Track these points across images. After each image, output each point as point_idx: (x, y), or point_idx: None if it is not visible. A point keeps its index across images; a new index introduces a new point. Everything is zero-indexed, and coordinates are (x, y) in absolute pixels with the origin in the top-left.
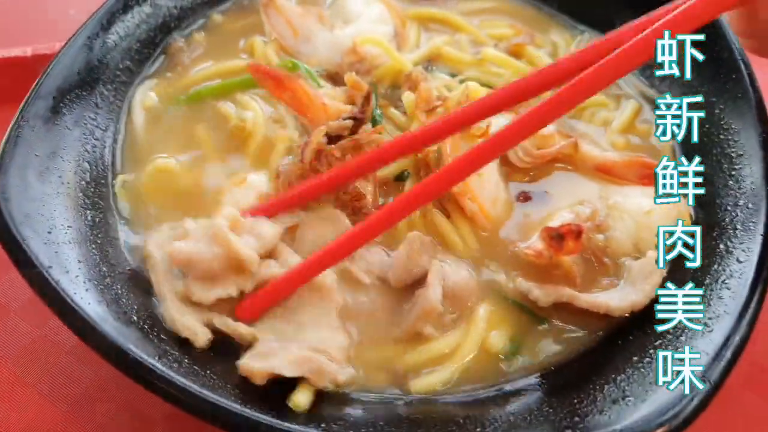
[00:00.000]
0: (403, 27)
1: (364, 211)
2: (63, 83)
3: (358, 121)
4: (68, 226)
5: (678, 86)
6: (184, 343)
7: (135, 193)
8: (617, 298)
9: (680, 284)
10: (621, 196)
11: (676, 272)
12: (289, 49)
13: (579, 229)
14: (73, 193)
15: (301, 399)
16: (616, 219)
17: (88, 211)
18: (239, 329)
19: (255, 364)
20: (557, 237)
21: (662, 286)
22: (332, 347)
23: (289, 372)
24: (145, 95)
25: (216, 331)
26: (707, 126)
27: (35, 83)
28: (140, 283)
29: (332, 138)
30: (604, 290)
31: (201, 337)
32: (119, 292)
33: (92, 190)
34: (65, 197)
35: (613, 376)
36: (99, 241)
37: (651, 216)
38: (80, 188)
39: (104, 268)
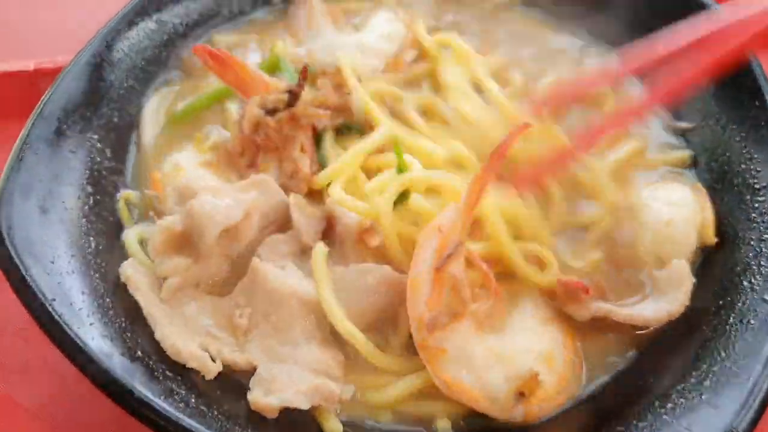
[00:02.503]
0: (404, 53)
1: (301, 176)
2: (67, 104)
3: (294, 94)
4: (71, 255)
5: (699, 113)
6: (189, 377)
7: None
8: (651, 310)
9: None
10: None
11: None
12: (300, 42)
13: (583, 286)
14: (77, 220)
15: (334, 427)
16: (637, 232)
17: (91, 238)
18: (236, 358)
19: (266, 400)
20: (571, 292)
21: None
22: (332, 365)
23: (303, 404)
24: (155, 111)
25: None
26: (728, 155)
27: (38, 105)
28: None
29: (270, 111)
30: (633, 304)
31: (211, 368)
32: (123, 324)
33: (95, 214)
34: (68, 223)
35: (635, 421)
36: (103, 270)
37: (671, 227)
38: (83, 213)
39: (108, 299)
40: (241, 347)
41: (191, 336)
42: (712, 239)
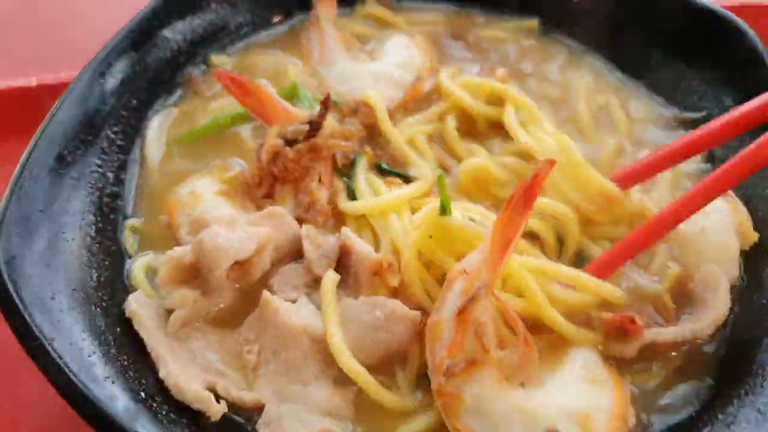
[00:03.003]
0: (422, 82)
1: (318, 207)
2: (68, 128)
3: (314, 125)
4: (72, 289)
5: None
6: (195, 420)
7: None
8: (696, 321)
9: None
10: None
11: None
12: (314, 70)
13: (631, 318)
14: (77, 251)
15: None
16: (678, 251)
17: (93, 271)
18: (243, 397)
19: None
20: (620, 328)
21: None
22: (342, 406)
23: None
24: (158, 131)
25: (217, 396)
26: None
27: (39, 129)
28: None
29: (290, 142)
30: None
31: (216, 409)
32: (125, 363)
33: (98, 244)
34: (69, 255)
35: None
36: (104, 304)
37: (706, 235)
38: (85, 245)
39: (110, 336)
40: (250, 385)
41: (197, 373)
42: (753, 236)
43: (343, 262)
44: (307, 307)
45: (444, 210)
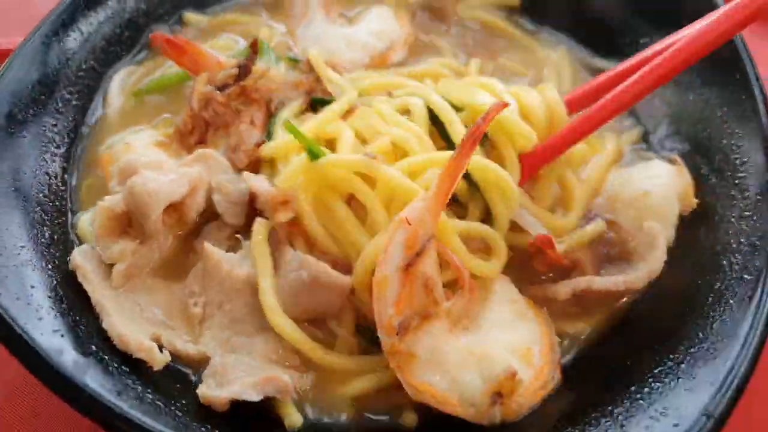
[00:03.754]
0: (392, 52)
1: (242, 148)
2: (18, 87)
3: (244, 69)
4: (21, 246)
5: (681, 89)
6: (144, 371)
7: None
8: (632, 274)
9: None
10: (619, 184)
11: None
12: (293, 31)
13: (548, 238)
14: (30, 208)
15: (294, 419)
16: (619, 211)
17: (46, 228)
18: (188, 350)
19: (215, 393)
20: (538, 250)
21: None
22: (289, 355)
23: (253, 397)
24: (119, 88)
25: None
26: (708, 130)
27: None
28: None
29: (220, 87)
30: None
31: (159, 359)
32: (77, 318)
33: (50, 202)
34: (20, 213)
35: (610, 407)
36: (57, 261)
37: (649, 197)
38: (37, 201)
39: (61, 291)
40: (196, 338)
41: (143, 326)
42: (693, 202)
43: (253, 207)
44: (248, 259)
45: (314, 155)
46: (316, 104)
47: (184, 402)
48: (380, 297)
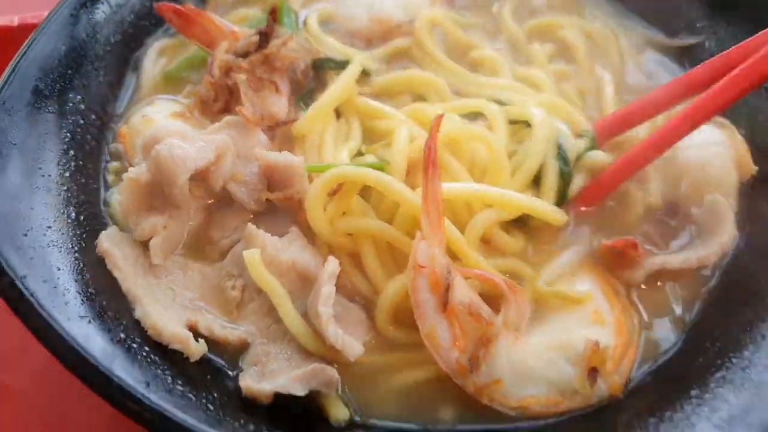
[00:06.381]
0: (412, 24)
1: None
2: (45, 62)
3: (264, 36)
4: (47, 227)
5: None
6: (174, 360)
7: None
8: (702, 249)
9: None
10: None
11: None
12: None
13: (633, 243)
14: (56, 187)
15: (341, 413)
16: (673, 182)
17: (72, 208)
18: (227, 335)
19: (258, 386)
20: (618, 253)
21: None
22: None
23: (299, 391)
24: (152, 62)
25: (197, 334)
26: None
27: (12, 62)
28: None
29: (242, 55)
30: (683, 250)
31: (195, 350)
32: (105, 303)
33: (77, 182)
34: (46, 193)
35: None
36: (83, 243)
37: (707, 168)
38: (64, 181)
39: (87, 275)
40: (233, 323)
41: (177, 312)
42: (752, 169)
43: (274, 182)
44: (296, 243)
45: None
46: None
47: (215, 395)
48: (437, 348)
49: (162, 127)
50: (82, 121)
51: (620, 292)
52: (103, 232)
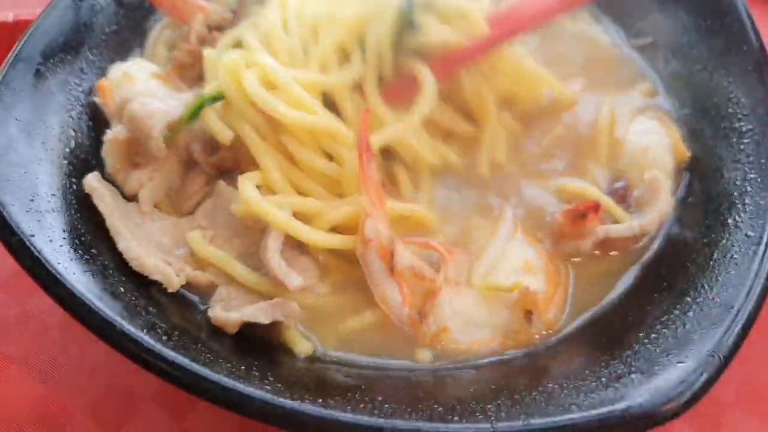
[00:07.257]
0: None
1: None
2: (46, 47)
3: (236, 15)
4: (52, 194)
5: (684, 58)
6: (172, 315)
7: None
8: (643, 217)
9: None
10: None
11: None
12: None
13: (596, 204)
14: (58, 161)
15: (304, 346)
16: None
17: (73, 179)
18: (197, 276)
19: (226, 314)
20: (580, 216)
21: None
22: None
23: (262, 318)
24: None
25: None
26: (715, 99)
27: (16, 45)
28: None
29: (216, 29)
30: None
31: (174, 281)
32: (106, 263)
33: (77, 157)
34: (49, 164)
35: (618, 351)
36: (85, 212)
37: (650, 152)
38: (64, 155)
39: (89, 237)
40: (203, 269)
41: (154, 251)
42: (686, 154)
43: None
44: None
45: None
46: None
47: (215, 346)
48: (390, 307)
49: (130, 88)
50: (80, 103)
51: (545, 244)
52: (91, 173)
